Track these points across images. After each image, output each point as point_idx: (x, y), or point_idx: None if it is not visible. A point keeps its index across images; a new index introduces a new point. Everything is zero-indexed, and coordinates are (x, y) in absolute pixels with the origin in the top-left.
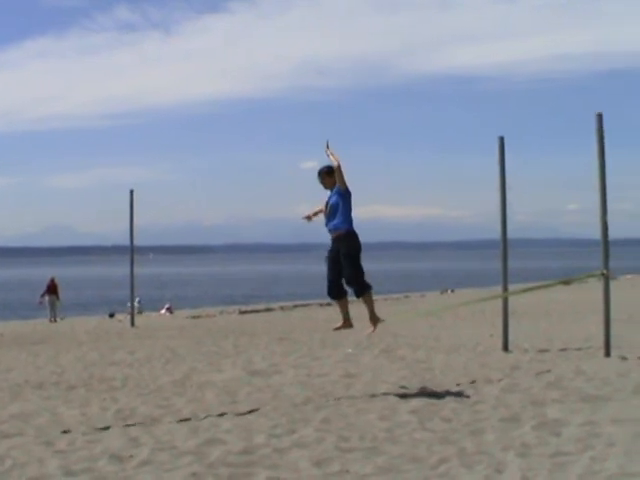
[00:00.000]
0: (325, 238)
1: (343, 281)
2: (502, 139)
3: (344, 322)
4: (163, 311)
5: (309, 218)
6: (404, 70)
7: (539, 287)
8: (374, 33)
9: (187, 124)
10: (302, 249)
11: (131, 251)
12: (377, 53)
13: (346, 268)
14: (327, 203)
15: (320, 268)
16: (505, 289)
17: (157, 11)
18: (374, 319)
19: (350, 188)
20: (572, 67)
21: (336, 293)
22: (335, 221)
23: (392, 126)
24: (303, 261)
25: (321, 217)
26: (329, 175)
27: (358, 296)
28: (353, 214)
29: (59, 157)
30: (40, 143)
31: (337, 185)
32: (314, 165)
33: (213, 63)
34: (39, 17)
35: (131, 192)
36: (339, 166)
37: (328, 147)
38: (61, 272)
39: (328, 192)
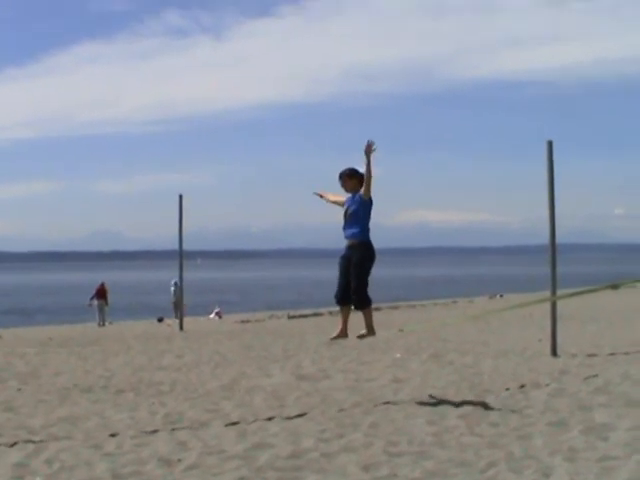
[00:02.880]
0: (379, 244)
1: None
2: (550, 143)
3: (341, 331)
4: (212, 315)
5: (321, 197)
6: (451, 75)
7: (587, 291)
8: (422, 38)
9: (236, 129)
10: None
11: (180, 256)
12: (425, 58)
13: (353, 278)
14: (347, 209)
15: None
16: (553, 294)
17: (208, 15)
18: (370, 330)
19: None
20: (619, 72)
21: (344, 300)
22: (353, 230)
23: (439, 131)
24: None
25: (338, 209)
26: (350, 178)
27: (357, 308)
28: (371, 223)
29: (107, 162)
30: (89, 148)
31: (360, 193)
32: (362, 170)
33: (262, 68)
34: (88, 22)
35: (180, 197)
36: (370, 176)
37: (371, 151)
38: (109, 277)
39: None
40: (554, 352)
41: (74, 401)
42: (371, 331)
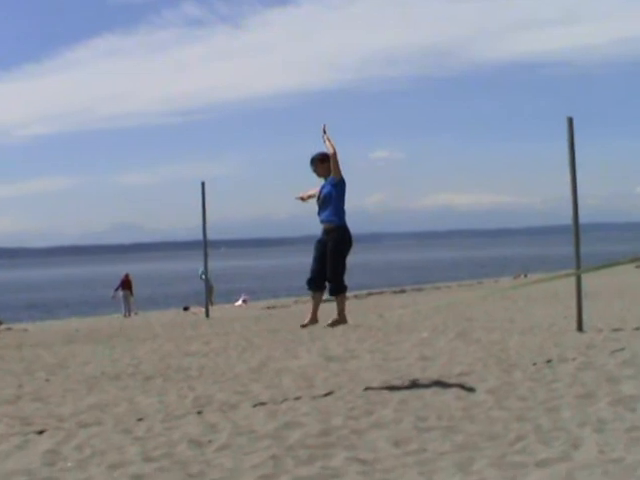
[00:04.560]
0: (403, 228)
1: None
2: (571, 120)
3: (312, 318)
4: (239, 302)
5: (302, 199)
6: (471, 57)
7: (611, 265)
8: (440, 21)
9: (256, 118)
10: (373, 239)
11: (204, 243)
12: (443, 41)
13: (330, 265)
14: (320, 192)
15: (392, 258)
16: (578, 268)
17: (225, 5)
18: (341, 317)
19: (345, 178)
20: (638, 50)
21: (316, 285)
22: (327, 213)
23: (460, 114)
24: (374, 251)
25: (313, 202)
26: (322, 163)
27: (332, 294)
28: (346, 206)
29: (128, 155)
30: (109, 141)
31: (331, 175)
32: (384, 155)
33: (281, 56)
34: (106, 15)
35: (203, 184)
36: (334, 154)
37: (325, 132)
38: (133, 269)
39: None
40: (580, 327)
41: (103, 389)
42: (343, 318)
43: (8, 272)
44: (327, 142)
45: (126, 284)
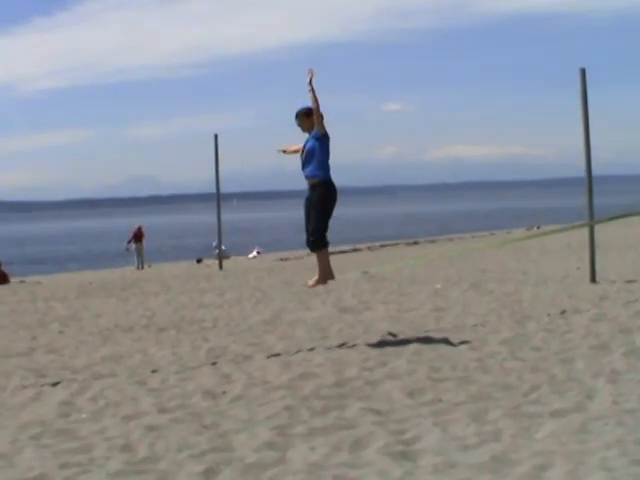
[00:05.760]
0: (416, 180)
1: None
2: (583, 71)
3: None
4: (253, 254)
5: (284, 152)
6: (484, 9)
7: (624, 215)
8: None
9: (269, 70)
10: (387, 191)
11: (217, 195)
12: None
13: (313, 219)
14: (304, 147)
15: (407, 209)
16: (591, 219)
17: None
18: (324, 274)
19: (329, 132)
20: None
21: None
22: (311, 167)
23: (473, 66)
24: (388, 203)
25: (297, 156)
26: (308, 117)
27: (312, 250)
28: (331, 161)
29: (141, 107)
30: (122, 94)
31: (315, 128)
32: (397, 107)
33: (296, 8)
34: None
35: (215, 136)
36: (317, 107)
37: (311, 81)
38: (146, 221)
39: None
40: (593, 279)
41: (116, 340)
42: (328, 275)
43: (23, 225)
44: (310, 94)
45: (138, 237)
